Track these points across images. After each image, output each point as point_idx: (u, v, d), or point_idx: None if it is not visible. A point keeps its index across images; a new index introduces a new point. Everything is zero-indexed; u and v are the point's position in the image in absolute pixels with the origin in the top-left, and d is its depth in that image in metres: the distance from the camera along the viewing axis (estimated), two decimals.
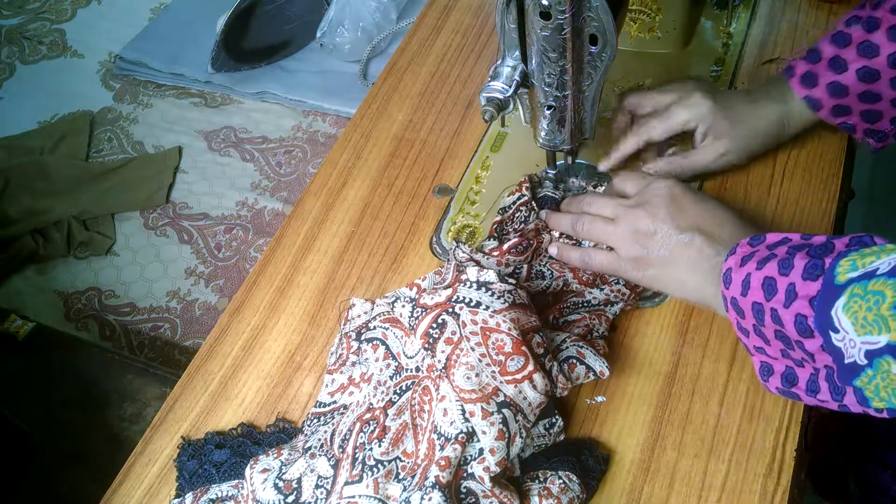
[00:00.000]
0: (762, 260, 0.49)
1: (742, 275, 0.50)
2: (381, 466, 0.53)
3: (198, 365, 0.67)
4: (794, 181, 0.69)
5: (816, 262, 0.45)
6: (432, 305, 0.56)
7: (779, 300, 0.46)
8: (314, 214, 0.75)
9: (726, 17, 0.83)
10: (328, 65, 1.61)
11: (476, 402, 0.51)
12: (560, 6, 0.52)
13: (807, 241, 0.49)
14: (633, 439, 0.57)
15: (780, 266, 0.47)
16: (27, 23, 1.87)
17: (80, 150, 1.57)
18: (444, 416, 0.52)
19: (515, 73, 0.60)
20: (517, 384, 0.52)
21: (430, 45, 0.88)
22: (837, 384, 0.44)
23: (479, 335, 0.53)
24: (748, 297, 0.49)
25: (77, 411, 1.01)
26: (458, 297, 0.55)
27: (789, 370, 0.49)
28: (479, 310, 0.54)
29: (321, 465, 0.55)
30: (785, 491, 0.53)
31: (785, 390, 0.49)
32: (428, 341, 0.55)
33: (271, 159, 1.49)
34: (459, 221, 0.71)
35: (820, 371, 0.47)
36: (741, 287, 0.50)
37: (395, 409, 0.55)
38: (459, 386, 0.52)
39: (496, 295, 0.54)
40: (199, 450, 0.61)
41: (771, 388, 0.51)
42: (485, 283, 0.55)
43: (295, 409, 0.63)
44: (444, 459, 0.51)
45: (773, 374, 0.50)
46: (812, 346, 0.45)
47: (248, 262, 1.34)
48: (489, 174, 0.75)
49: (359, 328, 0.60)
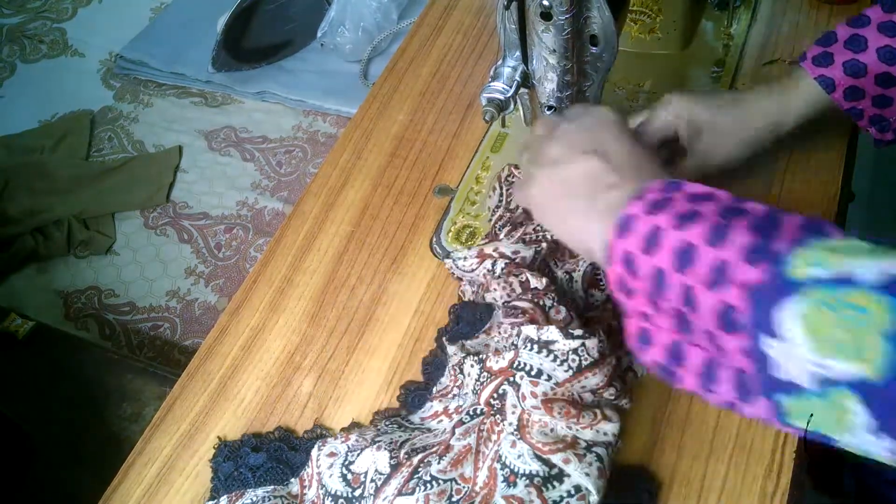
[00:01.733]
0: (684, 216, 0.39)
1: (648, 225, 0.40)
2: (436, 483, 0.51)
3: (197, 365, 0.67)
4: (795, 183, 0.69)
5: (762, 244, 0.36)
6: (497, 371, 0.53)
7: (698, 276, 0.37)
8: (314, 214, 0.75)
9: (727, 18, 0.83)
10: (329, 65, 1.61)
11: (563, 451, 0.50)
12: (561, 7, 0.52)
13: (741, 205, 0.39)
14: (632, 440, 0.57)
15: (710, 233, 0.37)
16: (28, 22, 1.87)
17: (81, 150, 1.57)
18: (513, 448, 0.51)
19: (516, 74, 0.60)
20: (593, 427, 0.51)
21: (430, 46, 0.88)
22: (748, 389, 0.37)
23: (541, 408, 0.51)
24: (651, 258, 0.39)
25: (77, 411, 1.01)
26: (519, 362, 0.52)
27: (677, 345, 0.41)
28: (541, 381, 0.51)
29: (381, 460, 0.54)
30: (784, 492, 0.53)
31: (665, 367, 0.41)
32: (493, 408, 0.53)
33: (271, 159, 1.49)
34: (459, 222, 0.71)
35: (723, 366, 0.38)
36: (645, 242, 0.40)
37: (464, 429, 0.54)
38: (540, 442, 0.50)
39: (559, 360, 0.51)
40: (235, 451, 0.60)
41: (646, 359, 0.42)
42: (546, 344, 0.50)
43: (295, 409, 0.63)
44: (517, 500, 0.49)
45: (654, 345, 0.42)
46: (730, 343, 0.37)
47: (248, 261, 1.34)
48: (489, 174, 0.75)
49: (459, 362, 0.58)
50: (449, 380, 0.60)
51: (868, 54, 0.57)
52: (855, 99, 0.60)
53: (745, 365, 0.36)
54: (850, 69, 0.58)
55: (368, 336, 0.66)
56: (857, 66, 0.57)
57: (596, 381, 0.51)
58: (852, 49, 0.57)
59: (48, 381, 1.06)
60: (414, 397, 0.61)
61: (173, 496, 0.60)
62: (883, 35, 0.56)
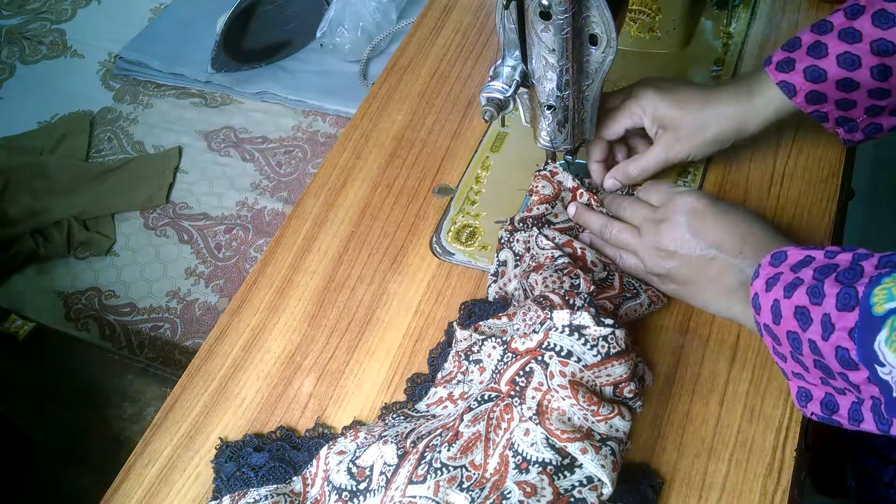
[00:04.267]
0: (789, 286, 0.47)
1: (769, 301, 0.48)
2: (446, 470, 0.52)
3: (198, 365, 0.67)
4: (794, 181, 0.69)
5: (849, 291, 0.43)
6: (523, 351, 0.54)
7: (815, 331, 0.45)
8: (314, 214, 0.75)
9: (726, 17, 0.83)
10: (328, 65, 1.61)
11: (581, 440, 0.51)
12: (560, 6, 0.52)
13: (831, 259, 0.47)
14: (633, 440, 0.57)
15: (810, 294, 0.45)
16: (27, 23, 1.87)
17: (80, 150, 1.56)
18: (526, 436, 0.51)
19: (515, 73, 0.60)
20: (608, 421, 0.52)
21: (429, 45, 0.88)
22: (885, 415, 0.43)
23: (567, 388, 0.52)
24: (782, 326, 0.48)
25: (77, 411, 1.01)
26: (549, 343, 0.53)
27: (829, 397, 0.48)
28: (570, 361, 0.52)
29: (388, 452, 0.54)
30: (785, 491, 0.53)
31: (825, 417, 0.48)
32: (515, 388, 0.53)
33: (271, 159, 1.49)
34: (459, 221, 0.71)
35: (864, 401, 0.45)
36: (771, 314, 0.48)
37: (472, 416, 0.54)
38: (557, 428, 0.51)
39: (589, 343, 0.52)
40: (237, 452, 0.60)
41: (808, 413, 0.50)
42: (577, 328, 0.52)
43: (295, 409, 0.63)
44: (529, 486, 0.49)
45: (812, 400, 0.49)
46: (857, 378, 0.43)
47: (248, 262, 1.34)
48: (489, 174, 0.75)
49: (466, 349, 0.59)
50: (453, 366, 0.61)
51: (828, 60, 0.58)
52: (817, 102, 0.61)
53: (876, 392, 0.43)
54: (810, 75, 0.59)
55: (368, 336, 0.66)
56: (817, 71, 0.59)
57: (621, 371, 0.53)
58: (813, 56, 0.59)
59: (48, 381, 1.06)
60: (421, 389, 0.61)
61: (174, 497, 0.60)
62: (843, 42, 0.57)
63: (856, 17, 0.57)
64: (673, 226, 0.59)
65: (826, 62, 0.58)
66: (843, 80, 0.58)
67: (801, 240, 0.65)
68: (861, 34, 0.56)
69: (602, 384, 0.53)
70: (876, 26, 0.56)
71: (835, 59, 0.58)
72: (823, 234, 0.65)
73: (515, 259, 0.65)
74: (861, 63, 0.57)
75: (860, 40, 0.56)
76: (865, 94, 0.59)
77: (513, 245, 0.65)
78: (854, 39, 0.57)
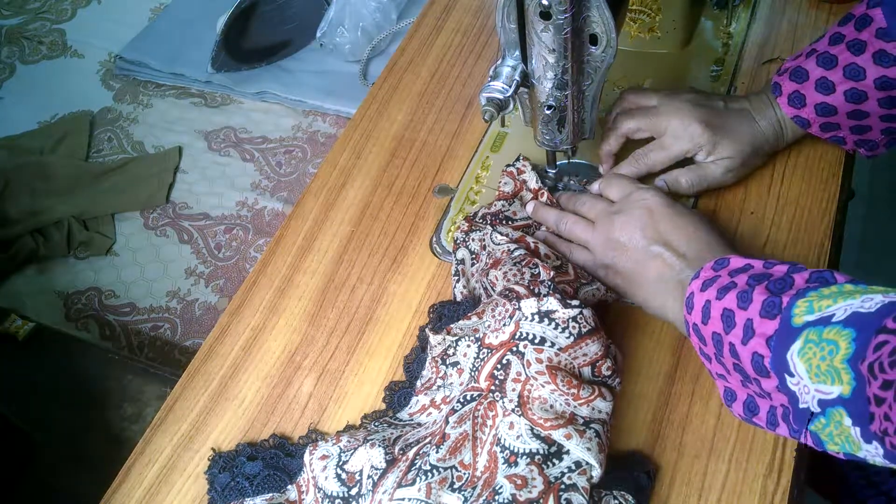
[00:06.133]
0: (722, 288, 0.48)
1: (702, 300, 0.50)
2: (436, 472, 0.52)
3: (198, 365, 0.67)
4: (795, 181, 0.69)
5: (774, 300, 0.44)
6: (497, 345, 0.54)
7: (736, 335, 0.46)
8: (314, 214, 0.75)
9: (726, 17, 0.83)
10: (328, 65, 1.61)
11: (564, 426, 0.51)
12: (560, 6, 0.52)
13: (768, 269, 0.48)
14: (633, 440, 0.57)
15: (738, 298, 0.46)
16: (27, 23, 1.87)
17: (80, 150, 1.56)
18: (511, 430, 0.52)
19: (515, 73, 0.60)
20: (590, 404, 0.53)
21: (430, 45, 0.88)
22: (794, 426, 0.44)
23: (545, 374, 0.52)
24: (709, 326, 0.49)
25: (77, 411, 1.01)
26: (521, 333, 0.53)
27: (750, 399, 0.49)
28: (545, 347, 0.53)
29: (375, 456, 0.54)
30: (785, 491, 0.53)
31: (746, 418, 0.49)
32: (494, 383, 0.54)
33: (271, 159, 1.49)
34: (459, 221, 0.71)
35: (777, 408, 0.46)
36: (701, 314, 0.49)
37: (457, 417, 0.54)
38: (541, 417, 0.51)
39: (560, 327, 0.53)
40: (230, 462, 0.60)
41: (735, 413, 0.51)
42: (546, 314, 0.53)
43: (295, 409, 0.63)
44: (520, 479, 0.50)
45: (736, 401, 0.50)
46: (768, 385, 0.45)
47: (248, 262, 1.34)
48: (489, 174, 0.75)
49: (442, 353, 0.59)
50: (431, 372, 0.61)
51: (836, 97, 0.61)
52: (832, 130, 0.64)
53: (785, 401, 0.44)
54: (821, 111, 0.63)
55: (368, 336, 0.66)
56: (827, 107, 0.62)
57: (595, 349, 0.53)
58: (822, 92, 0.62)
59: (48, 381, 1.06)
60: (399, 396, 0.61)
61: (174, 497, 0.60)
62: (849, 80, 0.60)
63: (858, 54, 0.59)
64: (627, 219, 0.60)
65: (834, 98, 0.61)
66: (853, 111, 0.61)
67: (800, 240, 0.65)
68: (864, 71, 0.59)
69: (580, 365, 0.54)
70: (877, 65, 0.59)
71: (842, 95, 0.61)
72: (823, 234, 0.65)
73: (472, 257, 0.65)
74: (868, 97, 0.60)
75: (864, 77, 0.59)
76: (878, 119, 0.62)
77: (469, 244, 0.66)
78: (859, 77, 0.60)
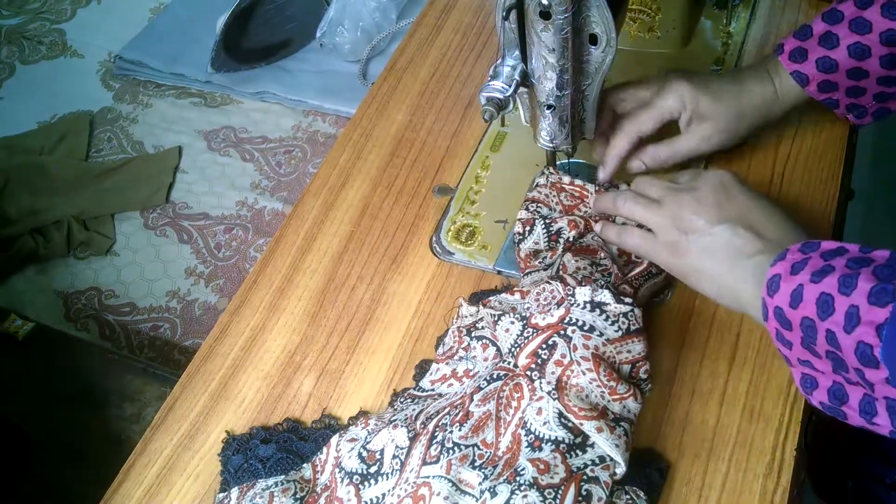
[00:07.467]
0: (818, 272, 0.45)
1: (793, 284, 0.46)
2: (458, 449, 0.52)
3: (198, 365, 0.67)
4: (794, 181, 0.69)
5: (885, 287, 0.41)
6: (544, 326, 0.54)
7: (836, 321, 0.42)
8: (314, 214, 0.75)
9: (726, 16, 0.83)
10: (328, 65, 1.61)
11: (597, 419, 0.51)
12: (560, 6, 0.52)
13: (867, 254, 0.44)
14: (633, 439, 0.56)
15: (840, 283, 0.43)
16: (27, 23, 1.87)
17: (80, 150, 1.56)
18: (538, 416, 0.52)
19: (515, 73, 0.60)
20: (623, 401, 0.53)
21: (429, 45, 0.88)
22: None
23: (590, 361, 0.53)
24: (798, 311, 0.45)
25: (77, 411, 1.01)
26: (570, 318, 0.54)
27: (838, 387, 0.46)
28: (593, 335, 0.53)
29: (399, 436, 0.55)
30: (785, 491, 0.53)
31: (832, 406, 0.46)
32: (536, 361, 0.54)
33: (271, 159, 1.49)
34: (459, 221, 0.71)
35: (879, 400, 0.43)
36: (790, 298, 0.46)
37: (482, 395, 0.55)
38: (575, 405, 0.52)
39: (611, 319, 0.53)
40: (243, 444, 0.61)
41: (814, 401, 0.48)
42: (599, 304, 0.53)
43: (295, 409, 0.63)
44: (543, 463, 0.50)
45: (818, 389, 0.47)
46: (874, 376, 0.42)
47: (248, 262, 1.34)
48: (489, 174, 0.75)
49: (469, 326, 0.60)
50: (454, 341, 0.62)
51: (839, 51, 0.60)
52: (829, 91, 0.63)
53: (892, 394, 0.42)
54: (822, 65, 0.61)
55: (368, 336, 0.66)
56: (829, 62, 0.61)
57: (639, 349, 0.54)
58: (825, 46, 0.61)
59: (48, 381, 1.06)
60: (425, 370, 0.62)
61: (174, 496, 0.60)
62: (854, 33, 0.59)
63: (865, 8, 0.58)
64: (701, 193, 0.56)
65: (837, 53, 0.60)
66: (853, 69, 0.60)
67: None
68: (871, 24, 0.58)
69: (622, 361, 0.54)
70: (885, 17, 0.57)
71: (846, 50, 0.60)
72: (823, 234, 0.65)
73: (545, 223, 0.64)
74: (871, 53, 0.59)
75: (870, 31, 0.58)
76: (875, 81, 0.61)
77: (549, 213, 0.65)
78: (864, 30, 0.58)
